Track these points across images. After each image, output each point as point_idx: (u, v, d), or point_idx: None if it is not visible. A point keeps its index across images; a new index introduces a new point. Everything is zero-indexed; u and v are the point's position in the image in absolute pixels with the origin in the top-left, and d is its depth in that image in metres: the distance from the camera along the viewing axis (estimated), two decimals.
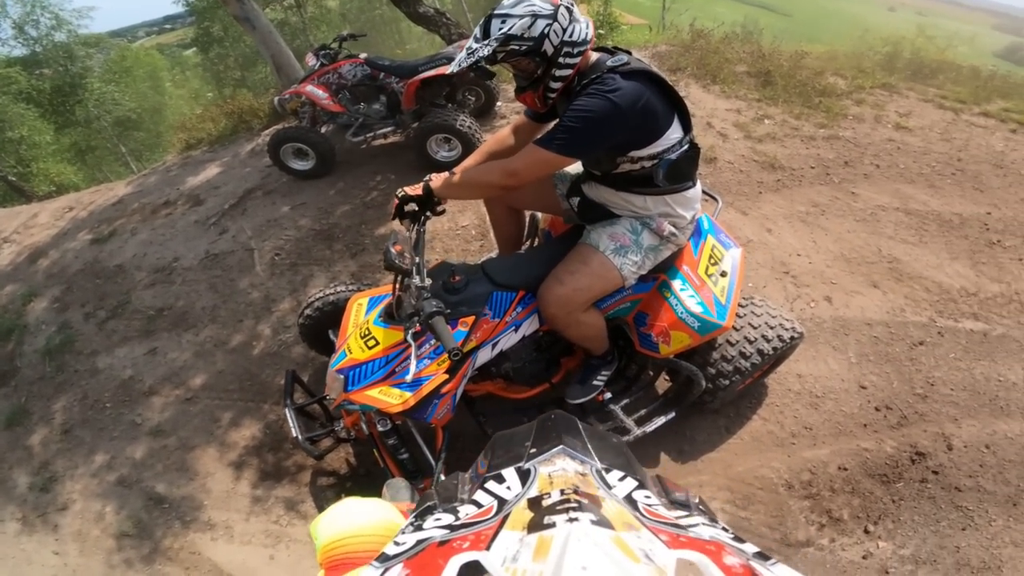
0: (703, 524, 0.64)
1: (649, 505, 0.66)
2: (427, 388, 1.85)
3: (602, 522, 0.54)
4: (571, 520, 0.53)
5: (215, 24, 18.69)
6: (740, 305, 2.25)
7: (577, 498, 0.60)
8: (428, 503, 0.74)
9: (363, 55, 4.29)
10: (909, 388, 2.60)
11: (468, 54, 1.60)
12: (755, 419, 2.55)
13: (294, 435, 2.20)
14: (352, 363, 1.90)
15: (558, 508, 0.58)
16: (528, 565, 0.47)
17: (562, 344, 2.31)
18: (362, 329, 1.96)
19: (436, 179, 1.86)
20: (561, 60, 1.62)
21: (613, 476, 0.74)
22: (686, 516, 0.68)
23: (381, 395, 1.85)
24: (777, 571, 0.50)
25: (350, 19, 18.76)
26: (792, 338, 2.21)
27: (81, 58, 16.90)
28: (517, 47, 1.57)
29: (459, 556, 0.51)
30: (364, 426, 2.19)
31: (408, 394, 1.83)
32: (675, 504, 0.74)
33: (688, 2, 18.20)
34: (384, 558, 0.56)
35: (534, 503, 0.62)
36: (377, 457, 2.22)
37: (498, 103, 4.95)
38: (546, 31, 1.55)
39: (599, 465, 0.76)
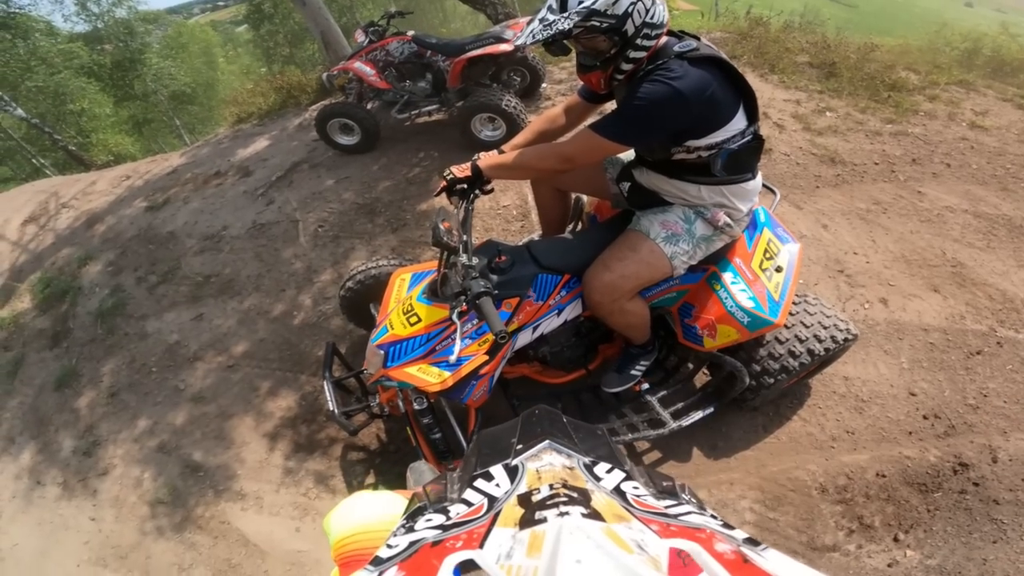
0: (692, 512, 0.64)
1: (638, 496, 0.66)
2: (466, 368, 1.82)
3: (593, 515, 0.54)
4: (562, 514, 0.53)
5: (266, 1, 19.01)
6: (793, 303, 2.14)
7: (566, 492, 0.60)
8: (418, 504, 0.74)
9: (411, 33, 4.26)
10: (961, 398, 2.48)
11: (543, 26, 1.47)
12: (795, 420, 2.47)
13: (330, 408, 2.22)
14: (393, 339, 1.89)
15: (548, 503, 0.58)
16: (523, 561, 0.47)
17: (602, 331, 2.26)
18: (404, 305, 1.94)
19: (485, 159, 1.81)
20: (639, 41, 1.50)
21: (600, 468, 0.74)
22: (675, 505, 0.67)
23: (420, 373, 1.83)
24: (768, 555, 0.50)
25: None
26: (845, 340, 2.11)
27: (140, 34, 17.40)
28: (598, 23, 1.45)
29: (453, 555, 0.50)
30: (400, 403, 2.18)
31: (447, 374, 1.81)
32: (663, 493, 0.74)
33: None
34: (378, 561, 0.56)
35: (524, 499, 0.62)
36: (410, 435, 2.23)
37: (543, 84, 4.86)
38: (630, 9, 1.44)
39: (586, 459, 0.76)
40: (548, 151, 1.73)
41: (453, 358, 1.65)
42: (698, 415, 2.26)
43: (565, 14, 1.44)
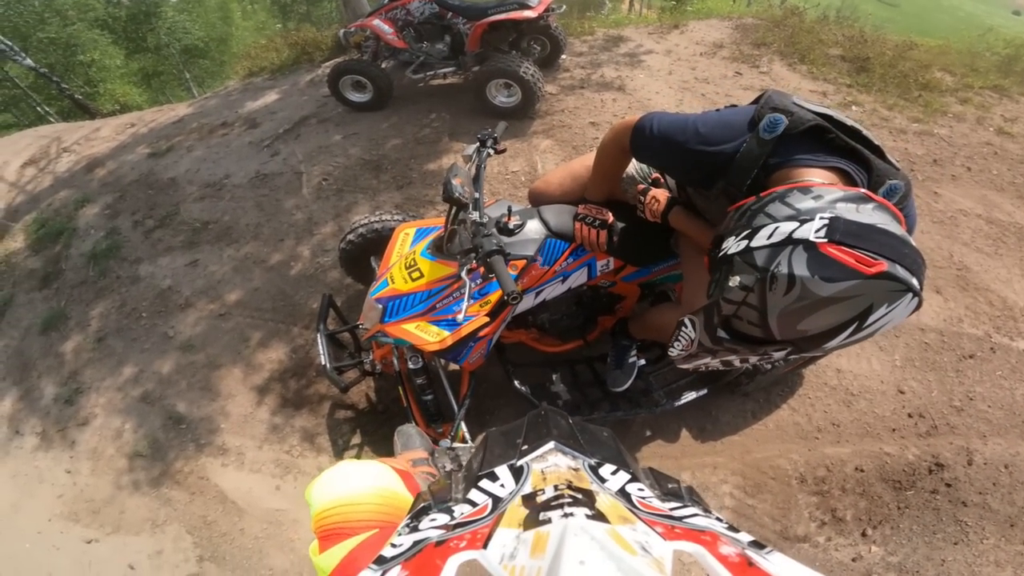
0: (697, 515, 0.64)
1: (643, 497, 0.66)
2: (466, 329, 1.76)
3: (597, 516, 0.54)
4: (566, 515, 0.53)
5: None
6: None
7: (571, 493, 0.60)
8: (423, 504, 0.74)
9: None
10: (947, 399, 2.46)
11: None
12: (784, 408, 2.45)
13: (322, 362, 2.16)
14: (393, 293, 1.83)
15: (552, 504, 0.58)
16: (526, 562, 0.47)
17: (603, 302, 2.18)
18: (407, 259, 1.87)
19: (673, 214, 1.61)
20: None
21: (606, 470, 0.73)
22: (680, 507, 0.67)
23: (418, 331, 1.77)
24: (773, 559, 0.49)
25: None
26: None
27: None
28: None
29: (457, 556, 0.51)
30: (395, 361, 2.12)
31: (446, 333, 1.75)
32: (668, 495, 0.74)
33: None
34: (382, 560, 0.56)
35: (528, 500, 0.62)
36: (401, 395, 2.17)
37: (563, 56, 4.74)
38: None
39: (591, 460, 0.76)
40: None
41: (461, 316, 1.59)
42: (692, 395, 2.24)
43: None
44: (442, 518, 0.65)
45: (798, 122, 1.09)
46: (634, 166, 1.80)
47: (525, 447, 0.79)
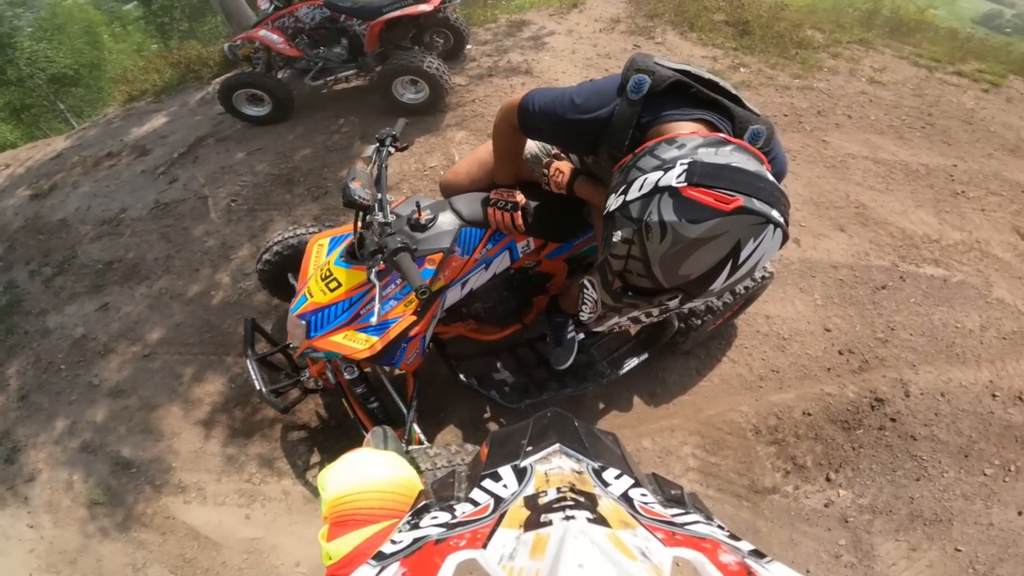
0: (699, 522, 0.64)
1: (645, 503, 0.66)
2: (394, 331, 1.76)
3: (598, 520, 0.54)
4: (567, 518, 0.53)
5: None
6: None
7: (573, 496, 0.60)
8: (424, 502, 0.74)
9: None
10: (871, 332, 2.66)
11: None
12: (725, 361, 2.58)
13: (257, 388, 2.11)
14: (314, 307, 1.80)
15: (554, 506, 0.58)
16: (525, 563, 0.47)
17: (533, 283, 2.24)
18: (323, 271, 1.84)
19: (578, 183, 1.67)
20: None
21: (609, 474, 0.74)
22: (682, 513, 0.67)
23: (346, 340, 1.76)
24: (773, 569, 0.49)
25: None
26: (763, 278, 2.22)
27: (8, 18, 15.91)
28: None
29: (456, 554, 0.50)
30: (330, 375, 2.09)
31: (375, 338, 1.75)
32: (671, 501, 0.74)
33: None
34: (381, 556, 0.55)
35: (530, 501, 0.62)
36: (347, 407, 2.14)
37: (468, 46, 4.75)
38: None
39: (595, 464, 0.76)
40: None
41: (375, 320, 1.59)
42: (634, 362, 2.33)
43: None
44: (443, 516, 0.65)
45: (660, 80, 1.18)
46: (536, 145, 1.85)
47: (529, 448, 0.79)
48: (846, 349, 2.59)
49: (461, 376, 2.19)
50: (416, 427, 2.01)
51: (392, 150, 1.82)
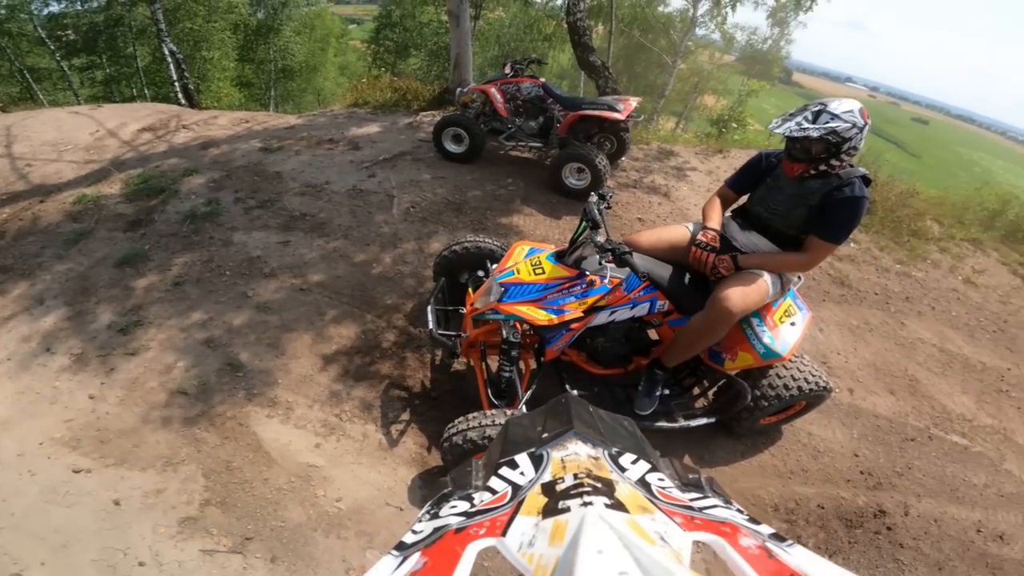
0: (718, 506, 0.65)
1: (663, 488, 0.66)
2: (567, 316, 2.28)
3: (616, 505, 0.53)
4: (585, 504, 0.53)
5: (397, 9, 20.10)
6: (794, 356, 2.66)
7: (590, 482, 0.60)
8: (443, 491, 0.75)
9: (542, 79, 4.93)
10: (891, 465, 2.94)
11: (799, 127, 2.03)
12: (766, 452, 2.92)
13: (430, 327, 2.59)
14: (516, 280, 2.37)
15: (572, 493, 0.57)
16: (544, 549, 0.47)
17: (645, 343, 2.69)
18: (534, 260, 2.43)
19: (741, 259, 2.35)
20: (843, 156, 2.07)
21: (626, 459, 0.73)
22: (700, 498, 0.68)
23: (529, 311, 2.30)
24: (794, 552, 0.50)
25: (502, 42, 19.95)
26: (824, 388, 2.61)
27: (290, 6, 18.58)
28: (831, 139, 2.02)
29: (476, 543, 0.51)
30: (505, 333, 2.41)
31: (554, 316, 2.28)
32: (689, 486, 0.74)
33: None
34: (402, 546, 0.56)
35: (548, 488, 0.61)
36: (478, 370, 2.64)
37: (623, 158, 5.37)
38: (853, 138, 2.02)
39: (612, 449, 0.75)
40: (792, 262, 2.33)
41: (574, 294, 2.28)
42: (703, 420, 2.69)
43: (816, 126, 2.01)
44: (462, 505, 0.65)
45: None
46: (689, 234, 2.53)
47: (545, 435, 0.79)
48: (867, 471, 2.89)
49: (567, 383, 2.62)
50: (525, 410, 2.42)
51: (608, 205, 2.37)
